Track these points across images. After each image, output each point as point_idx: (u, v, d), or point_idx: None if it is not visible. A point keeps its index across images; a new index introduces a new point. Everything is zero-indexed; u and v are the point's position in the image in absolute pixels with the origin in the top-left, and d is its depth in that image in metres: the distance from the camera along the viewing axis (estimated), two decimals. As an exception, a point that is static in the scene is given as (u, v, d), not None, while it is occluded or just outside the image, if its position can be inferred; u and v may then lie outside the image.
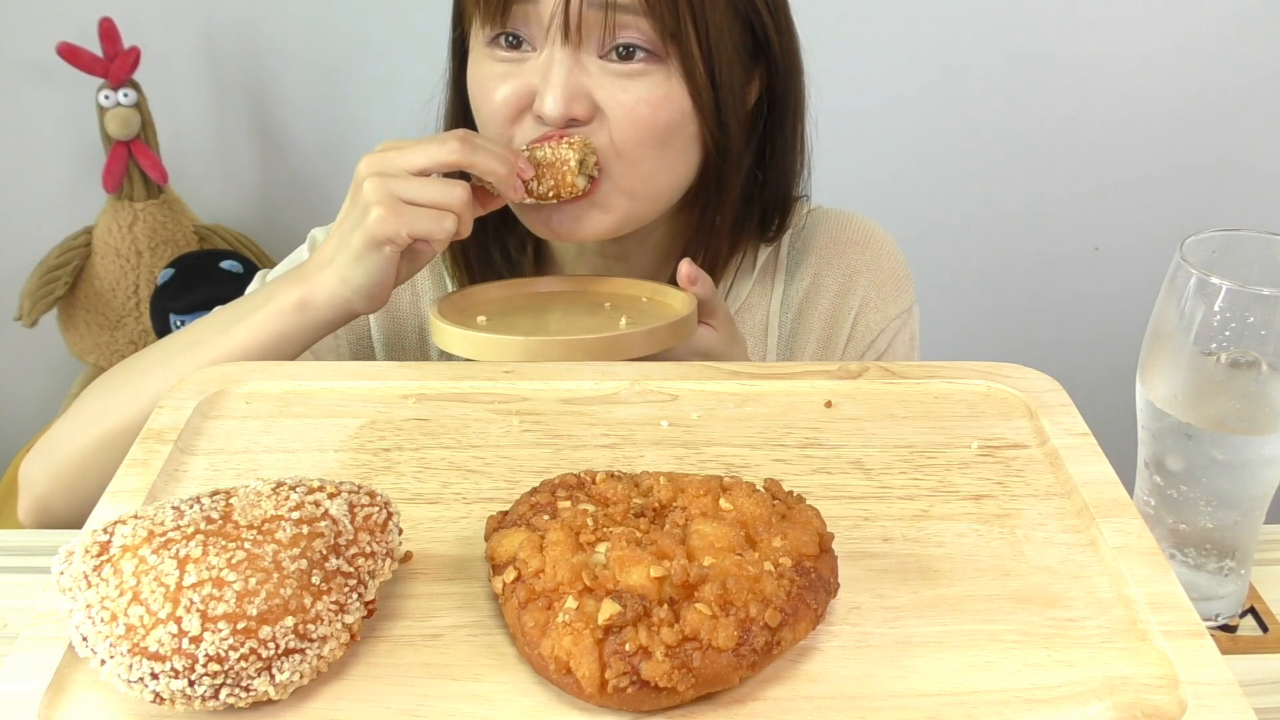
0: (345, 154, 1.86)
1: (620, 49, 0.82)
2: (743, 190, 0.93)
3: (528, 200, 0.83)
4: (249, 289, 0.93)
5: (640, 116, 0.83)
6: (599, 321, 0.84)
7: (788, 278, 1.01)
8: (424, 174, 0.78)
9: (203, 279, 1.71)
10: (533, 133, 0.84)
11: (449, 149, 0.78)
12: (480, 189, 0.82)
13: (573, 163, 0.81)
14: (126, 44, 1.70)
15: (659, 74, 0.83)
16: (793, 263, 1.01)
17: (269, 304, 0.81)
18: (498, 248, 0.97)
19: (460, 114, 0.95)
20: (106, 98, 1.70)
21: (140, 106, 1.72)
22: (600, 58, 0.82)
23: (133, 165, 1.74)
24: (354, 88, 1.82)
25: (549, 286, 0.91)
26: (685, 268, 0.83)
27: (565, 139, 0.82)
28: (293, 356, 0.82)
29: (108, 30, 1.68)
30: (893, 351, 0.99)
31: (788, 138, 0.94)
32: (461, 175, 0.81)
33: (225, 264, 1.73)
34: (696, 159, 0.89)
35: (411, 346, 1.00)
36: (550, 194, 0.82)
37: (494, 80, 0.85)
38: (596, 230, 0.87)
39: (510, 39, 0.84)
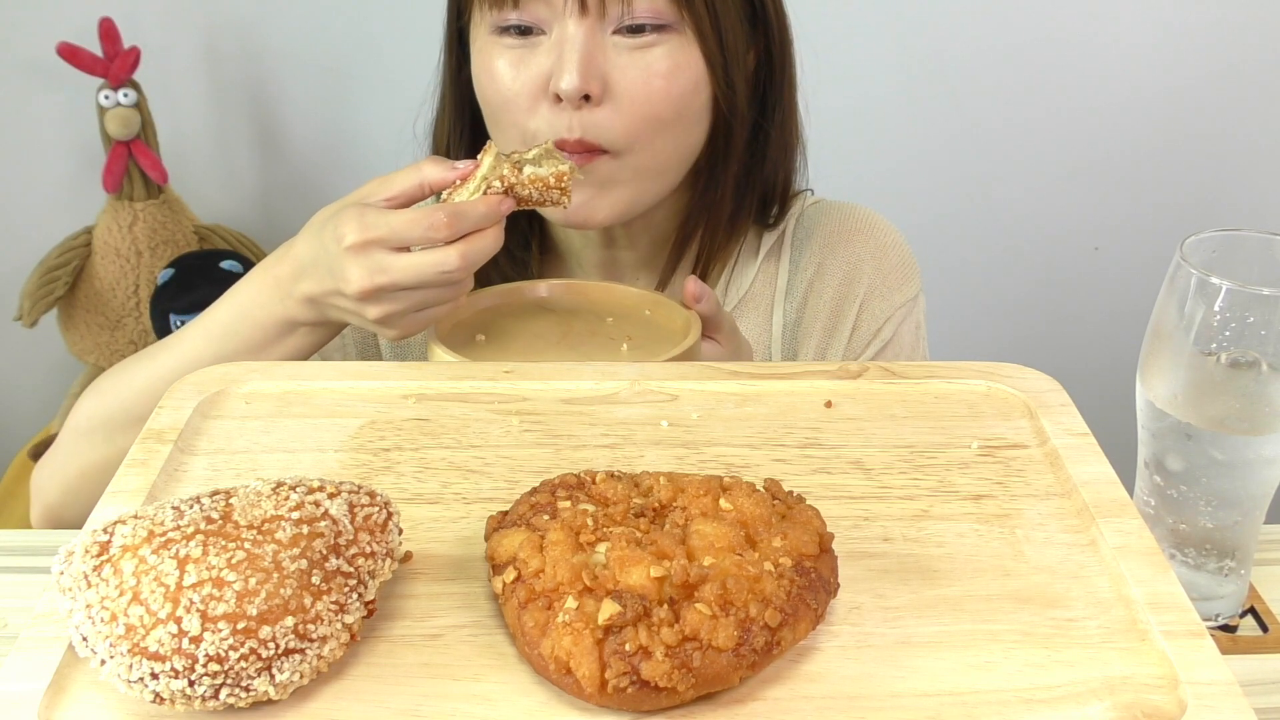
0: (345, 154, 1.86)
1: (633, 22, 0.82)
2: (743, 165, 0.94)
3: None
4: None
5: (654, 92, 0.84)
6: (602, 344, 0.83)
7: (792, 266, 1.01)
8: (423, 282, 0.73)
9: (203, 279, 1.71)
10: (549, 121, 0.84)
11: (450, 274, 0.73)
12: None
13: (566, 201, 0.78)
14: (126, 44, 1.70)
15: (672, 42, 0.84)
16: (796, 251, 1.01)
17: (270, 324, 0.81)
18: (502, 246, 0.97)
19: (459, 110, 0.95)
20: (106, 98, 1.70)
21: (140, 106, 1.72)
22: (613, 33, 0.83)
23: (133, 165, 1.73)
24: (354, 88, 1.82)
25: (547, 292, 0.90)
26: (691, 285, 0.83)
27: (548, 174, 0.77)
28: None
29: (108, 30, 1.68)
30: (898, 340, 0.99)
31: (785, 107, 0.95)
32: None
33: (225, 264, 1.73)
34: (706, 127, 0.90)
35: (417, 338, 1.00)
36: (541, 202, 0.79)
37: (506, 67, 0.85)
38: (611, 214, 0.88)
39: (519, 28, 0.84)
